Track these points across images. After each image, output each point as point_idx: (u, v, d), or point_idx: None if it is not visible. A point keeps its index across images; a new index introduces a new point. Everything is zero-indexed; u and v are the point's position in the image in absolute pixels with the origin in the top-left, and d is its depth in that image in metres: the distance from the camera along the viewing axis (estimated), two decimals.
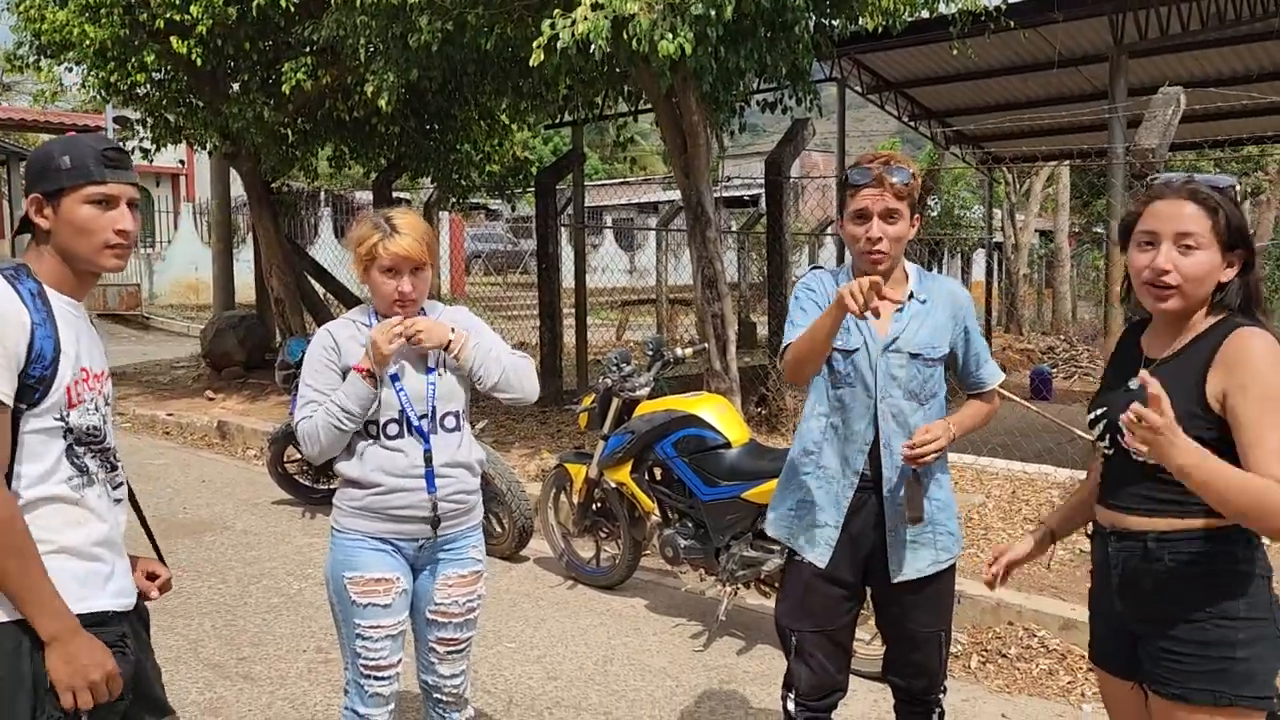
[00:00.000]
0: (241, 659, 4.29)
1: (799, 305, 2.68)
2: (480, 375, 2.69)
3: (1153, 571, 1.99)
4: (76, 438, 1.93)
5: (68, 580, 1.88)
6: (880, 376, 2.58)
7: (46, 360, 1.85)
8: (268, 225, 10.68)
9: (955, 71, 11.84)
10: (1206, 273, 1.95)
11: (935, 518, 2.62)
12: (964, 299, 2.68)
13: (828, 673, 2.69)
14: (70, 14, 8.14)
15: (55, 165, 1.91)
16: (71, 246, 1.93)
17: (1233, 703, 1.91)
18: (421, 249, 2.62)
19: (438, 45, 6.32)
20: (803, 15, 6.07)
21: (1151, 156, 5.68)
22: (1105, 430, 2.09)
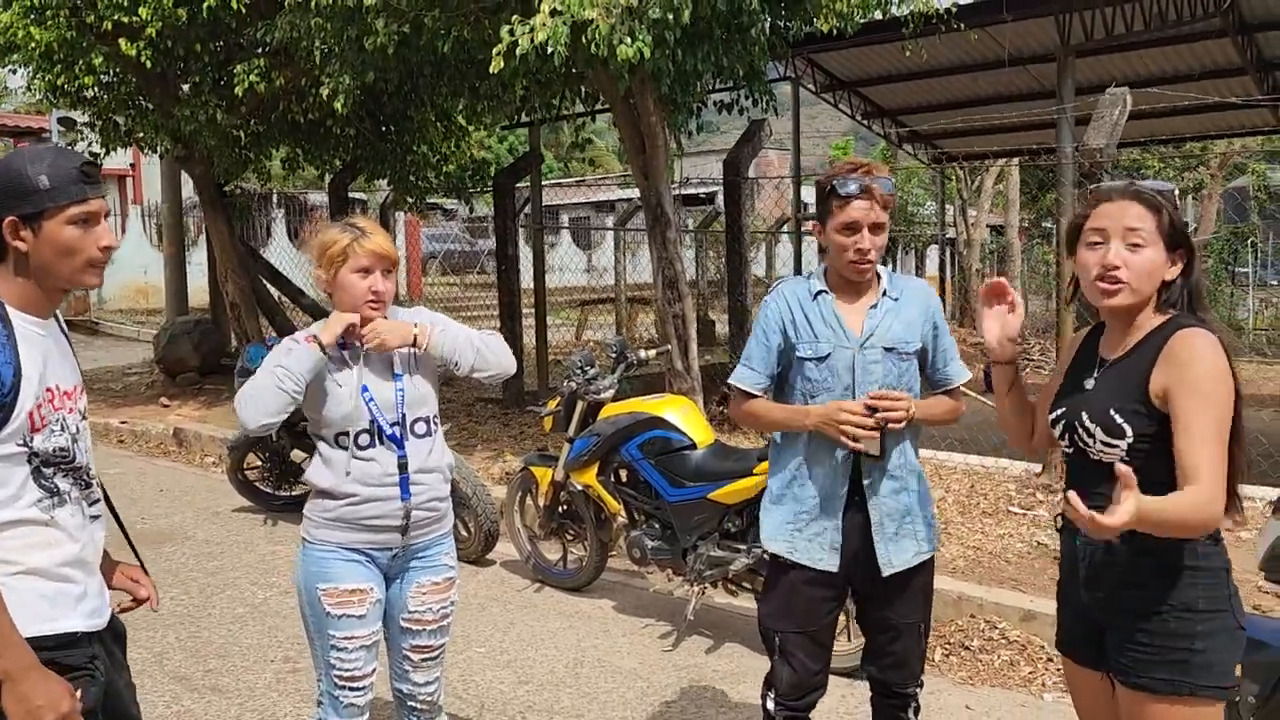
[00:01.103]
0: (208, 671, 4.25)
1: (758, 337, 2.79)
2: (456, 361, 2.69)
3: (1117, 566, 2.06)
4: (44, 460, 1.90)
5: (36, 601, 1.86)
6: (859, 373, 2.65)
7: (5, 387, 1.82)
8: (222, 229, 10.54)
9: (907, 71, 11.98)
10: (1152, 269, 2.03)
11: (913, 509, 2.71)
12: (933, 297, 2.78)
13: (809, 672, 2.76)
14: (14, 16, 7.96)
15: (33, 185, 1.85)
16: (53, 268, 1.90)
17: (1193, 692, 1.98)
18: (391, 248, 2.65)
19: (394, 48, 6.29)
20: (758, 18, 6.13)
21: (1099, 155, 5.81)
22: (1064, 430, 2.16)
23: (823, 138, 36.95)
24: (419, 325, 2.67)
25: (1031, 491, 5.96)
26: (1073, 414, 2.13)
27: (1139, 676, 2.03)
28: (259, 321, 10.79)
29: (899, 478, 2.69)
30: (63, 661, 1.88)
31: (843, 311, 2.70)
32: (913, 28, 7.30)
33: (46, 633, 1.86)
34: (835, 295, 2.73)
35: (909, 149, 16.14)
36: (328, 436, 2.65)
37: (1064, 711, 3.85)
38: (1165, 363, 2.00)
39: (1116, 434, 2.04)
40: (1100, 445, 2.06)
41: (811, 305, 2.73)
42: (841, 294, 2.73)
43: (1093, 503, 2.06)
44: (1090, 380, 2.15)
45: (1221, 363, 1.97)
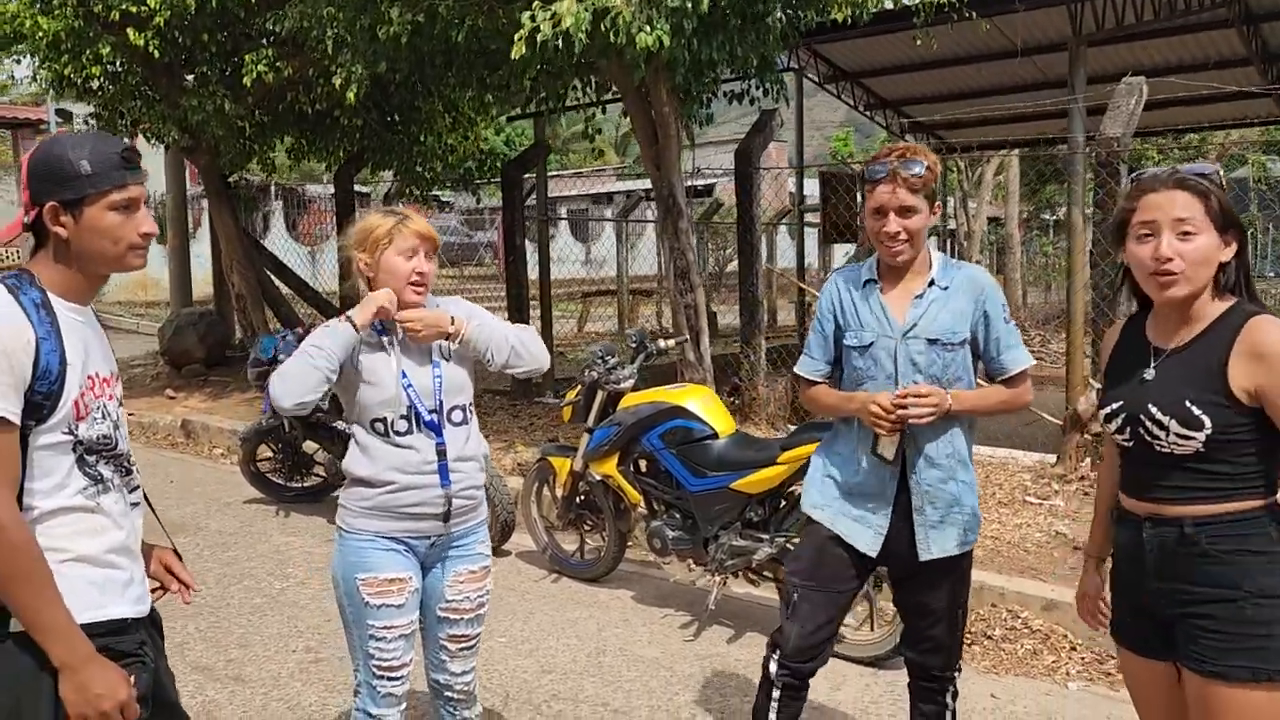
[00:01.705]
0: (230, 661, 4.25)
1: (814, 326, 2.86)
2: (490, 355, 2.69)
3: (1190, 555, 2.04)
4: (88, 448, 1.89)
5: (85, 588, 1.86)
6: (901, 363, 2.66)
7: (53, 376, 1.81)
8: (227, 220, 10.50)
9: (911, 61, 11.97)
10: (1206, 256, 2.01)
11: (961, 499, 2.71)
12: (986, 285, 2.71)
13: (818, 635, 2.79)
14: (22, 5, 7.92)
15: (75, 171, 1.84)
16: (94, 253, 1.89)
17: (1271, 678, 1.96)
18: (433, 232, 2.66)
19: (407, 36, 6.26)
20: (774, 6, 6.11)
21: (1116, 145, 5.80)
22: (1125, 424, 2.12)
23: (818, 129, 36.92)
24: (456, 318, 2.66)
25: (1047, 482, 5.96)
26: (1135, 406, 2.09)
27: (1213, 664, 2.01)
28: (264, 313, 10.77)
29: (945, 467, 2.68)
30: (115, 648, 1.88)
31: (889, 301, 2.71)
32: (924, 17, 7.28)
33: (98, 619, 1.87)
34: (884, 284, 2.73)
35: (910, 140, 16.13)
36: (364, 423, 2.64)
37: (1089, 700, 3.87)
38: (1248, 358, 1.97)
39: (1194, 426, 2.00)
40: (1174, 438, 2.03)
41: (860, 294, 2.75)
42: (889, 282, 2.73)
43: (1149, 494, 2.12)
44: (1149, 371, 2.10)
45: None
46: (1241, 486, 2.01)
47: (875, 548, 2.72)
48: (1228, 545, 2.01)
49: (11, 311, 1.79)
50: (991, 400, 2.72)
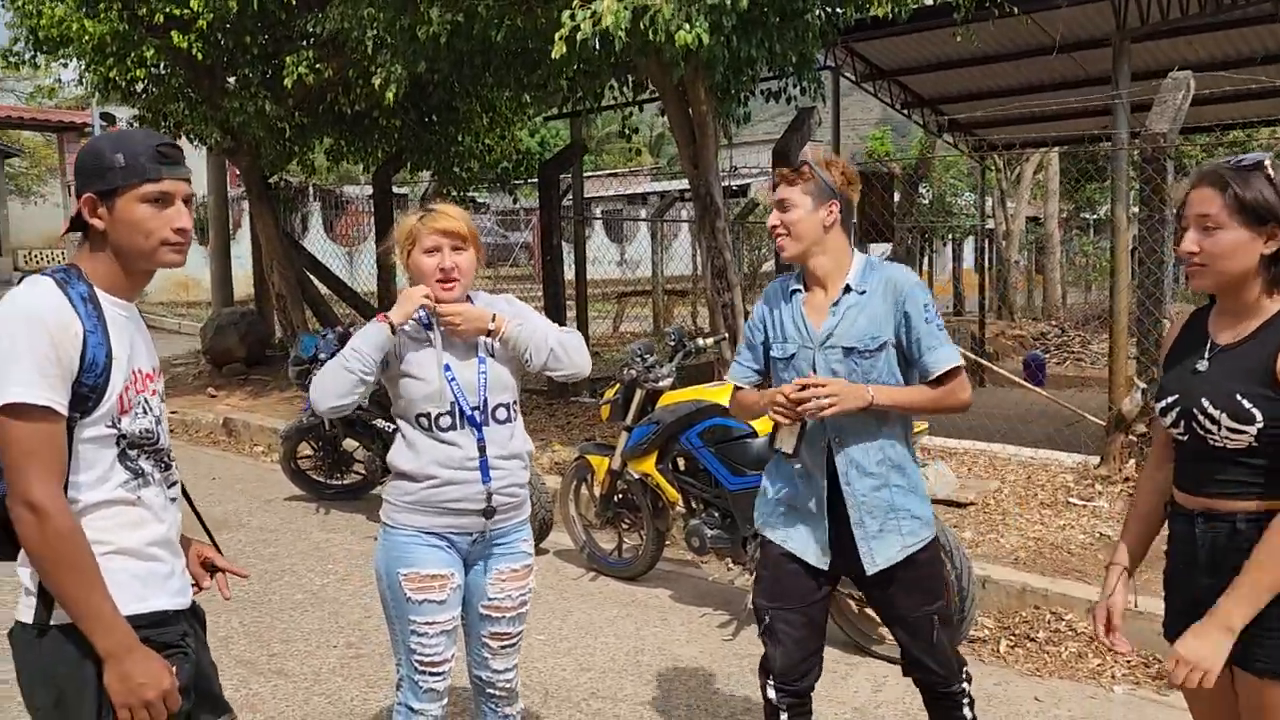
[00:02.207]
0: (273, 655, 4.29)
1: (746, 334, 2.86)
2: (529, 356, 2.68)
3: (1242, 551, 2.00)
4: (130, 442, 1.91)
5: (128, 580, 1.88)
6: (820, 373, 2.61)
7: (99, 369, 1.83)
8: (268, 220, 10.63)
9: (949, 58, 11.84)
10: (1230, 249, 2.00)
11: (895, 503, 2.64)
12: (905, 284, 2.62)
13: (802, 650, 2.72)
14: (68, 9, 8.05)
15: (108, 164, 1.86)
16: (129, 246, 1.90)
17: None
18: (460, 224, 2.63)
19: (446, 37, 6.29)
20: (813, 4, 6.08)
21: (1162, 141, 5.71)
22: (1179, 417, 2.10)
23: (854, 128, 36.66)
24: (497, 315, 2.66)
25: (1090, 483, 5.88)
26: (1188, 400, 2.07)
27: (1265, 662, 1.98)
28: (304, 312, 10.88)
29: (877, 474, 2.63)
30: (157, 639, 1.90)
31: (810, 309, 2.68)
32: (964, 13, 7.21)
33: (140, 611, 1.89)
34: (808, 292, 2.70)
35: (949, 138, 15.96)
36: (409, 417, 2.65)
37: (1135, 704, 3.81)
38: None
39: (1245, 419, 1.98)
40: (1226, 432, 2.01)
41: (786, 304, 2.73)
42: (812, 291, 2.70)
43: (1202, 488, 2.09)
44: (1203, 363, 2.09)
45: None
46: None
47: (824, 560, 2.67)
48: None
49: (60, 304, 1.81)
50: (919, 398, 2.63)
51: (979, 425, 7.21)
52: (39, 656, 1.84)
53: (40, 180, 26.02)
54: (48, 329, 1.78)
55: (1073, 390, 10.18)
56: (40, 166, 26.04)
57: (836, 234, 2.65)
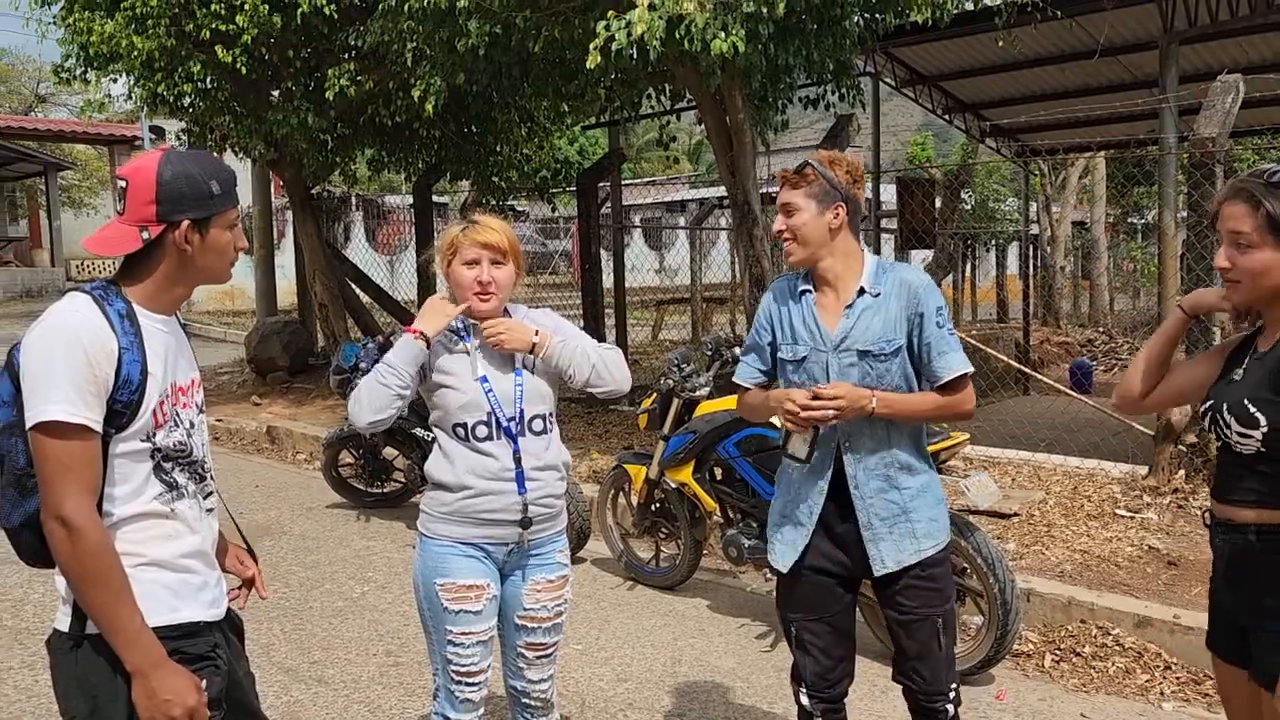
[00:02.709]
0: (314, 663, 4.32)
1: (752, 334, 2.80)
2: (571, 373, 2.69)
3: (1255, 563, 2.04)
4: (164, 455, 1.94)
5: (160, 591, 1.90)
6: (833, 377, 2.57)
7: (133, 385, 1.86)
8: (310, 231, 10.76)
9: (992, 63, 11.71)
10: (1265, 267, 2.02)
11: (909, 506, 2.60)
12: (919, 286, 2.57)
13: (831, 658, 2.70)
14: (118, 26, 8.21)
15: (206, 191, 1.92)
16: (210, 268, 1.97)
17: None
18: (501, 238, 2.64)
19: (484, 48, 6.33)
20: (851, 10, 6.04)
21: (1211, 146, 5.60)
22: (1210, 423, 2.14)
23: (894, 134, 36.42)
24: (540, 332, 2.68)
25: (1138, 494, 5.76)
26: (1217, 405, 2.12)
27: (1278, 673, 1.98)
28: (346, 322, 11.00)
29: (885, 477, 2.59)
30: (188, 651, 1.92)
31: (822, 311, 2.62)
32: (1006, 17, 7.13)
33: (171, 622, 1.90)
34: (818, 293, 2.65)
35: (991, 143, 15.78)
36: (446, 427, 2.66)
37: None
38: None
39: (1249, 424, 2.02)
40: (1236, 436, 2.06)
41: (796, 304, 2.67)
42: (822, 292, 2.65)
43: (1236, 497, 2.13)
44: (1239, 371, 2.13)
45: None
46: None
47: (789, 563, 2.66)
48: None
49: (98, 323, 1.84)
50: (924, 405, 2.59)
51: (1023, 434, 7.10)
52: (74, 665, 1.87)
53: (92, 192, 26.64)
54: (84, 347, 1.80)
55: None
56: (92, 179, 26.66)
57: (845, 236, 2.60)
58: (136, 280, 1.94)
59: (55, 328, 1.83)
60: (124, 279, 1.95)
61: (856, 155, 17.22)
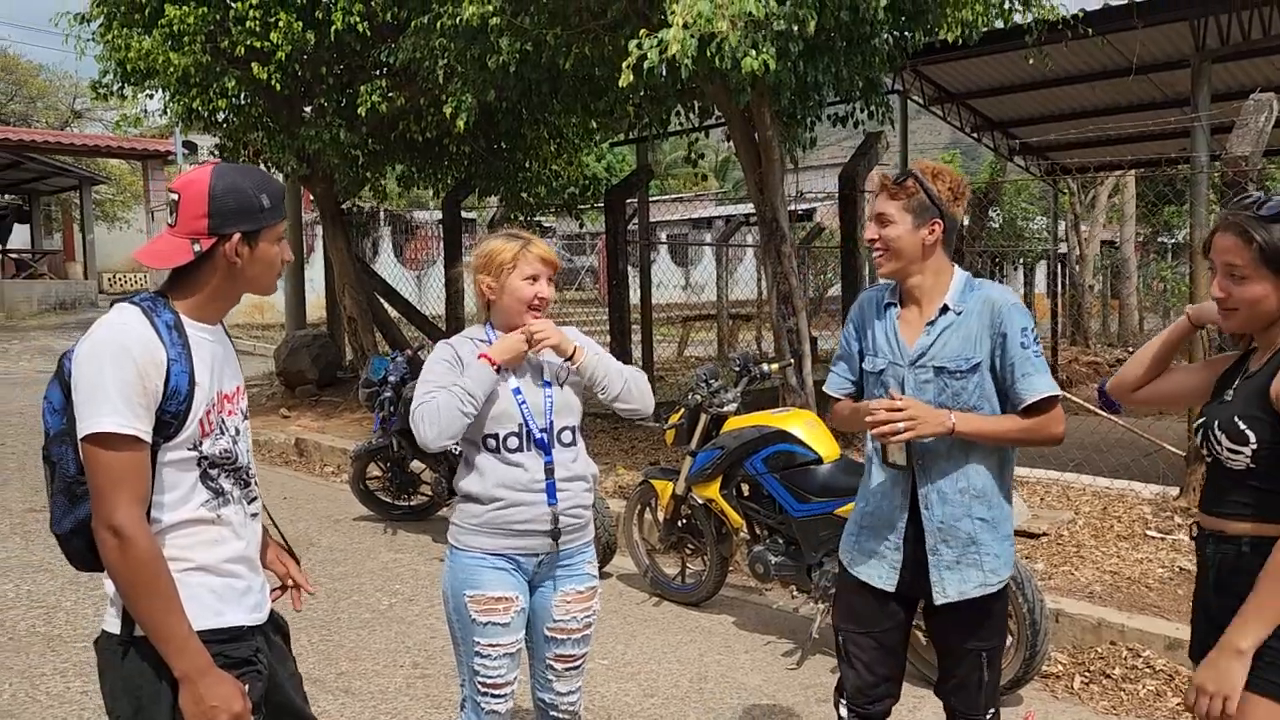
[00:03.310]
0: (340, 674, 4.35)
1: (841, 344, 2.80)
2: (604, 385, 2.72)
3: (1246, 573, 2.07)
4: (211, 462, 1.97)
5: (205, 595, 1.93)
6: (908, 392, 2.54)
7: (181, 396, 1.89)
8: (340, 245, 10.87)
9: (1020, 81, 11.68)
10: (1258, 298, 2.08)
11: (979, 537, 2.54)
12: (1004, 306, 2.51)
13: (875, 675, 2.67)
14: (155, 43, 8.36)
15: (257, 205, 1.95)
16: (258, 279, 2.02)
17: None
18: (555, 257, 2.73)
19: (515, 65, 6.39)
20: (881, 28, 6.06)
21: (1244, 165, 5.55)
22: (1202, 439, 2.21)
23: (921, 151, 36.35)
24: (576, 345, 2.73)
25: (1169, 515, 5.70)
26: (1209, 422, 2.18)
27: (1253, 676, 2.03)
28: (374, 336, 11.08)
29: (959, 503, 2.54)
30: (231, 655, 1.94)
31: (904, 325, 2.60)
32: (1036, 35, 7.12)
33: (215, 626, 1.93)
34: (902, 307, 2.63)
35: (1020, 161, 15.71)
36: (476, 439, 2.69)
37: None
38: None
39: (1239, 440, 2.09)
40: (1226, 452, 2.11)
41: (880, 317, 2.66)
42: (907, 306, 2.62)
43: (1224, 510, 2.18)
44: (1230, 392, 2.19)
45: None
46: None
47: (891, 583, 2.60)
48: None
49: (147, 334, 1.88)
50: (1005, 428, 2.51)
51: (1051, 453, 7.03)
52: (122, 667, 1.90)
53: (126, 206, 27.04)
54: (134, 359, 1.84)
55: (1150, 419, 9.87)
56: (125, 193, 27.06)
57: (938, 253, 2.55)
58: (185, 292, 1.97)
59: (105, 340, 1.86)
60: (172, 290, 1.98)
61: (884, 173, 17.18)
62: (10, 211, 24.60)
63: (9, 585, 5.37)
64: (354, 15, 7.69)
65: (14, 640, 4.61)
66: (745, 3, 4.66)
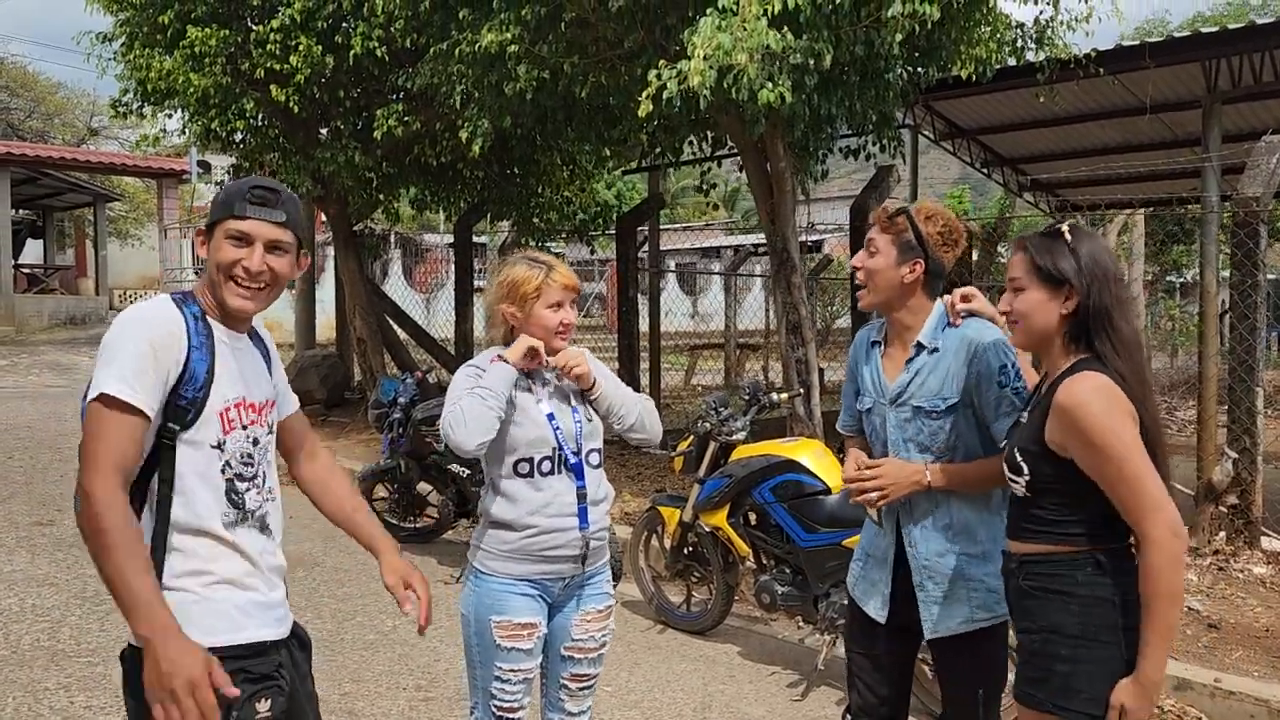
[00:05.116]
0: (344, 695, 4.33)
1: (847, 378, 2.84)
2: (620, 415, 2.75)
3: (1014, 589, 2.26)
4: (236, 472, 1.98)
5: (230, 610, 1.93)
6: (891, 431, 2.59)
7: (198, 383, 1.92)
8: (352, 266, 10.93)
9: (1032, 118, 11.74)
10: (1031, 308, 2.22)
11: (967, 572, 2.55)
12: (982, 344, 2.47)
13: (875, 696, 2.70)
14: (176, 63, 8.46)
15: (216, 201, 2.04)
16: (211, 277, 2.02)
17: (1049, 709, 2.14)
18: (577, 280, 2.76)
19: (532, 93, 6.46)
20: (895, 63, 6.11)
21: (1255, 205, 5.58)
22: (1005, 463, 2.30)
23: (930, 186, 36.50)
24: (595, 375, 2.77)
25: None
26: (1008, 447, 2.30)
27: (1019, 688, 2.24)
28: (383, 357, 11.12)
29: (944, 539, 2.56)
30: (252, 670, 1.93)
31: (887, 364, 2.64)
32: (1049, 74, 7.17)
33: (239, 641, 1.93)
34: (887, 345, 2.67)
35: (1029, 198, 15.76)
36: (508, 464, 2.69)
37: None
38: (1055, 413, 2.13)
39: (1016, 470, 2.22)
40: (1010, 478, 2.25)
41: (868, 355, 2.71)
42: (891, 344, 2.66)
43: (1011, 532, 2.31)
44: (1025, 414, 2.31)
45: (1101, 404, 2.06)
46: (1060, 531, 2.17)
47: (883, 614, 2.64)
48: (1035, 583, 2.20)
49: (172, 314, 1.94)
50: (983, 474, 2.49)
51: None
52: (135, 675, 1.89)
53: (139, 224, 27.21)
54: (152, 334, 1.88)
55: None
56: (139, 211, 27.24)
57: (918, 294, 2.56)
58: (200, 289, 2.06)
59: (129, 316, 1.92)
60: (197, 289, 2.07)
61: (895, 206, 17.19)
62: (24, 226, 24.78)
63: (14, 599, 5.37)
64: (373, 40, 7.77)
65: (18, 654, 4.61)
66: (764, 36, 4.71)
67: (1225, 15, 23.24)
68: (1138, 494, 2.02)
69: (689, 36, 5.04)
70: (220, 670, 1.79)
